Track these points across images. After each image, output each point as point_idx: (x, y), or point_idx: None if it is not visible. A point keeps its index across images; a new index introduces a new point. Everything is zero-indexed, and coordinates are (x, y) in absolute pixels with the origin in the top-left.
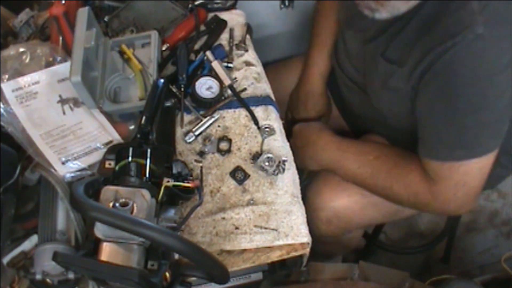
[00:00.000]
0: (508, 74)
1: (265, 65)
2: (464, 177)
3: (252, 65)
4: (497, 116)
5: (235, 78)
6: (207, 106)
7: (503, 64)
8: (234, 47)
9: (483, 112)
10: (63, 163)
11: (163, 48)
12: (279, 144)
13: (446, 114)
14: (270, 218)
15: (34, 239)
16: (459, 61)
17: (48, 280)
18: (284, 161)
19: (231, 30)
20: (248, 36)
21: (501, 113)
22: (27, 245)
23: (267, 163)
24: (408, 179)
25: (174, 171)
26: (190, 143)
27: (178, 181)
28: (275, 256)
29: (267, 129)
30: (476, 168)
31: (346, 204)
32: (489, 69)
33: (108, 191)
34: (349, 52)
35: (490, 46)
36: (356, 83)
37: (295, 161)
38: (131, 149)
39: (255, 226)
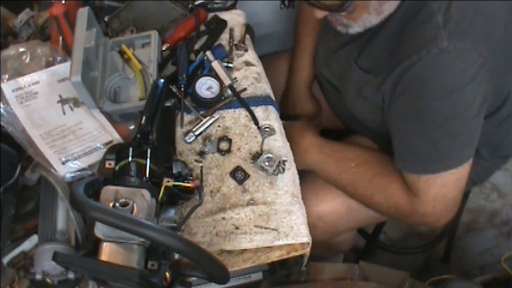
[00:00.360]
0: (475, 85)
1: (266, 62)
2: (442, 189)
3: (252, 65)
4: (467, 127)
5: (235, 78)
6: (207, 106)
7: (470, 76)
8: (234, 47)
9: (453, 123)
10: (63, 163)
11: (163, 48)
12: (279, 144)
13: (418, 128)
14: (270, 218)
15: (34, 239)
16: (425, 75)
17: (48, 280)
18: (284, 161)
19: (231, 30)
20: (248, 36)
21: (471, 123)
22: (27, 245)
23: (267, 163)
24: (390, 189)
25: (174, 171)
26: (190, 143)
27: (178, 181)
28: (275, 256)
29: (267, 129)
30: (453, 179)
31: (330, 207)
32: (456, 81)
33: (108, 191)
34: (326, 55)
35: (455, 59)
36: (333, 85)
37: None
38: (131, 149)
39: (255, 226)
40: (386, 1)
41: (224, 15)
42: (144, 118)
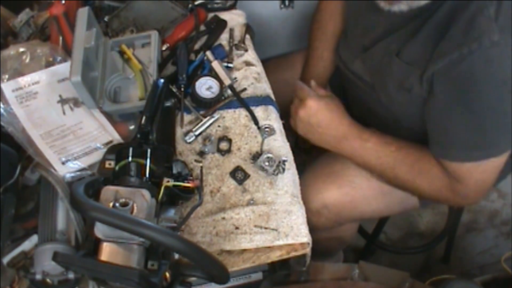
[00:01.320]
0: None
1: (267, 61)
2: (483, 176)
3: (252, 65)
4: None
5: (235, 78)
6: (207, 106)
7: None
8: (234, 47)
9: (501, 114)
10: (63, 163)
11: (163, 48)
12: (279, 144)
13: (466, 118)
14: (270, 218)
15: (34, 239)
16: (477, 68)
17: (48, 280)
18: (284, 161)
19: (231, 30)
20: (248, 36)
21: None
22: (27, 245)
23: (267, 163)
24: (432, 175)
25: (174, 171)
26: (190, 143)
27: (178, 181)
28: (275, 256)
29: (267, 129)
30: (492, 166)
31: (335, 195)
32: (507, 74)
33: (108, 191)
34: (356, 50)
35: (506, 52)
36: (363, 80)
37: (296, 130)
38: (131, 149)
39: (255, 226)
40: None
41: (224, 15)
42: (144, 118)
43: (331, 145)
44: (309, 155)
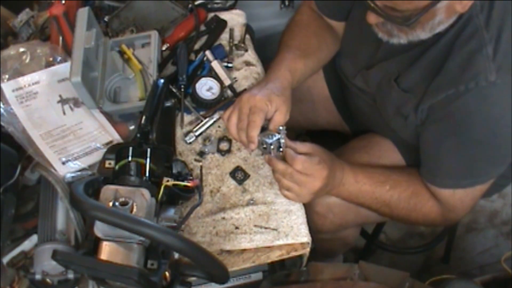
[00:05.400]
0: None
1: (267, 61)
2: (473, 201)
3: (252, 65)
4: (505, 151)
5: (235, 78)
6: (208, 107)
7: None
8: (234, 47)
9: (494, 149)
10: (63, 163)
11: (163, 48)
12: None
13: (457, 150)
14: (270, 218)
15: (34, 239)
16: (473, 106)
17: (48, 280)
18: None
19: (231, 30)
20: (248, 36)
21: (509, 148)
22: (27, 245)
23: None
24: (426, 209)
25: (174, 170)
26: (190, 143)
27: (178, 180)
28: (275, 256)
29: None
30: (481, 191)
31: (341, 199)
32: (502, 112)
33: (108, 190)
34: (357, 66)
35: (503, 91)
36: (365, 92)
37: (303, 201)
38: (131, 148)
39: (255, 226)
40: (445, 21)
41: (224, 15)
42: (144, 118)
43: (331, 194)
44: None
